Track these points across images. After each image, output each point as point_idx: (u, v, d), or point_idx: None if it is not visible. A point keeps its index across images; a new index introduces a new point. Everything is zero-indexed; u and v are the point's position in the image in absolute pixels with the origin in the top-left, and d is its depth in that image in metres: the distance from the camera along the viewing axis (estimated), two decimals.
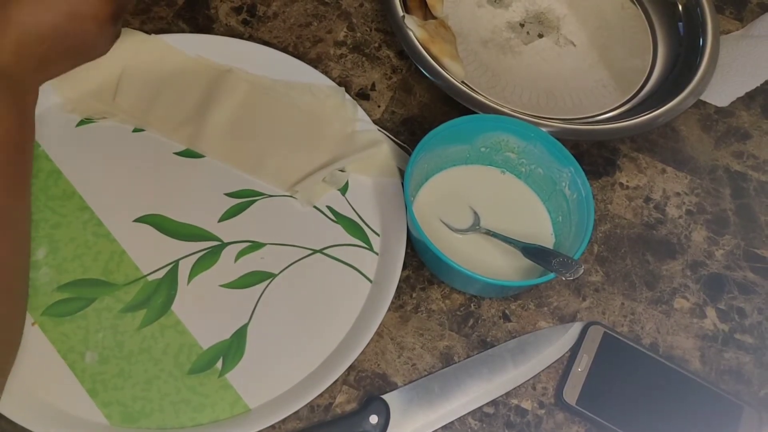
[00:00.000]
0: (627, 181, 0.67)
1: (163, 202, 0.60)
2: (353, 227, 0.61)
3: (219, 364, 0.54)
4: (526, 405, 0.56)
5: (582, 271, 0.54)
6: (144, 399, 0.52)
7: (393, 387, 0.56)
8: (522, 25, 0.75)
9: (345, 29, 0.73)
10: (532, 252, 0.57)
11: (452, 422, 0.55)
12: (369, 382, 0.56)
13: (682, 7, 0.74)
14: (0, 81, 0.49)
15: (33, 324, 0.54)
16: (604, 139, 0.68)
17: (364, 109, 0.66)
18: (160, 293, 0.56)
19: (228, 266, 0.58)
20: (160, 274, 0.57)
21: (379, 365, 0.56)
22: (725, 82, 0.73)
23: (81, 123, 0.63)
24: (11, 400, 0.51)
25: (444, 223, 0.61)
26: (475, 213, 0.61)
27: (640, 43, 0.75)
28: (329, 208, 0.62)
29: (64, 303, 0.55)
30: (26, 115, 0.51)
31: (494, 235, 0.59)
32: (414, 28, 0.67)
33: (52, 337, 0.54)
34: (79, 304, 0.55)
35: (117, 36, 0.59)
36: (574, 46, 0.74)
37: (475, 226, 0.61)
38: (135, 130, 0.63)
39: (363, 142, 0.64)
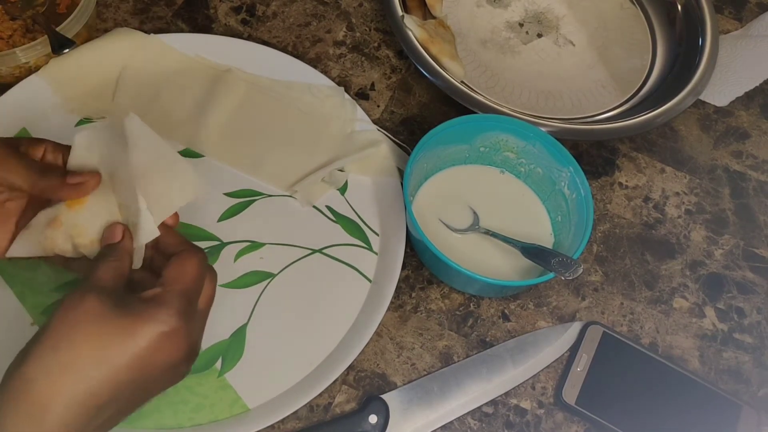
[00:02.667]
0: (626, 181, 0.67)
1: None
2: (352, 227, 0.61)
3: (218, 364, 0.54)
4: (526, 405, 0.56)
5: (581, 270, 0.54)
6: None
7: (392, 387, 0.56)
8: (521, 25, 0.75)
9: (344, 29, 0.73)
10: (532, 252, 0.57)
11: (452, 422, 0.55)
12: (368, 382, 0.56)
13: (682, 7, 0.74)
14: None
15: (32, 324, 0.54)
16: (604, 138, 0.68)
17: (364, 109, 0.66)
18: None
19: (227, 266, 0.58)
20: None
21: (378, 365, 0.56)
22: (724, 81, 0.73)
23: (80, 122, 0.62)
24: None
25: (443, 222, 0.61)
26: (475, 213, 0.61)
27: (639, 42, 0.75)
28: (328, 207, 0.61)
29: None
30: None
31: (494, 235, 0.59)
32: (413, 27, 0.67)
33: None
34: None
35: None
36: (574, 45, 0.74)
37: (475, 226, 0.61)
38: None
39: (362, 141, 0.64)
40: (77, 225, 0.45)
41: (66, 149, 0.47)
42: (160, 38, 0.66)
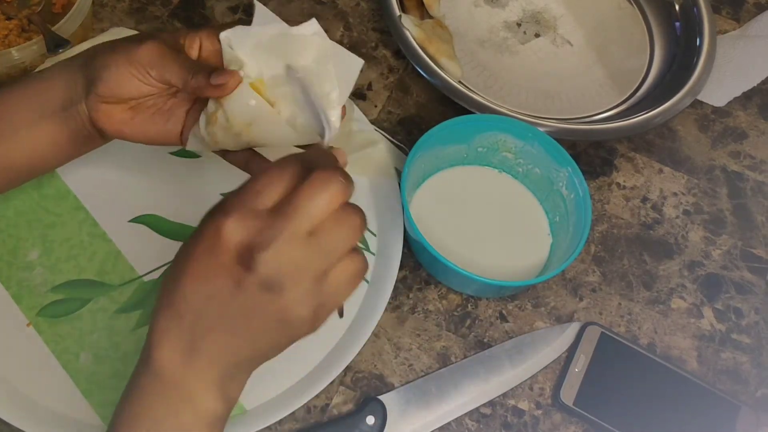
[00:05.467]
0: (624, 181, 0.67)
1: (159, 202, 0.59)
2: None
3: None
4: (523, 405, 0.56)
5: None
6: None
7: (390, 388, 0.55)
8: (519, 25, 0.75)
9: (341, 29, 0.72)
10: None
11: (449, 423, 0.54)
12: (366, 383, 0.55)
13: (679, 7, 0.74)
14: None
15: (28, 325, 0.54)
16: (601, 139, 0.68)
17: (361, 109, 0.66)
18: (156, 294, 0.56)
19: None
20: (156, 275, 0.57)
21: (375, 366, 0.56)
22: (722, 81, 0.73)
23: None
24: (5, 401, 0.50)
25: (441, 223, 0.61)
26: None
27: (637, 42, 0.75)
28: None
29: (59, 304, 0.55)
30: None
31: None
32: (411, 27, 0.67)
33: (47, 338, 0.54)
34: (74, 304, 0.55)
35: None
36: (571, 45, 0.74)
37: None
38: None
39: (360, 141, 0.64)
40: (228, 114, 0.47)
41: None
42: None
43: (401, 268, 0.59)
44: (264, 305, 0.36)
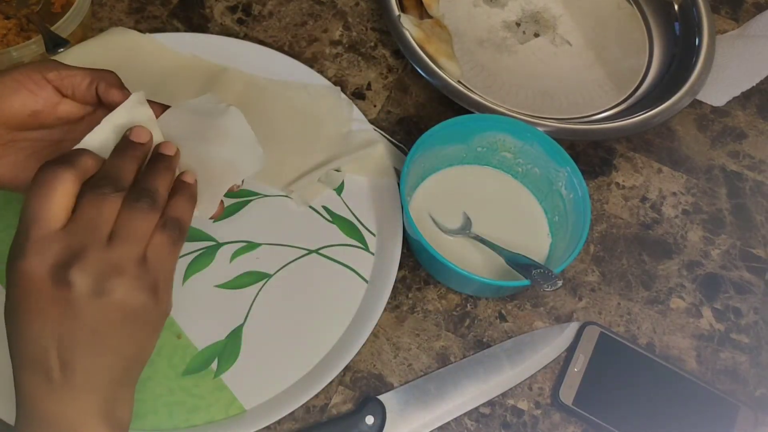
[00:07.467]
0: (623, 181, 0.67)
1: None
2: (349, 227, 0.61)
3: (214, 365, 0.54)
4: (523, 405, 0.56)
5: (560, 284, 0.53)
6: (137, 400, 0.51)
7: (389, 387, 0.55)
8: (518, 25, 0.75)
9: (341, 28, 0.72)
10: (514, 261, 0.56)
11: (448, 423, 0.54)
12: (365, 383, 0.55)
13: (678, 7, 0.74)
14: None
15: None
16: (601, 138, 0.68)
17: (360, 109, 0.66)
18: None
19: (223, 266, 0.58)
20: None
21: (375, 366, 0.56)
22: (721, 81, 0.73)
23: None
24: (4, 401, 0.50)
25: (440, 223, 0.61)
26: (467, 217, 0.61)
27: (636, 42, 0.75)
28: (325, 208, 0.61)
29: None
30: None
31: (482, 240, 0.59)
32: (410, 27, 0.67)
33: None
34: None
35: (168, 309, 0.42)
36: (570, 45, 0.74)
37: (465, 231, 0.60)
38: None
39: (359, 141, 0.64)
40: None
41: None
42: (155, 38, 0.66)
43: (400, 267, 0.59)
44: (103, 311, 0.37)
